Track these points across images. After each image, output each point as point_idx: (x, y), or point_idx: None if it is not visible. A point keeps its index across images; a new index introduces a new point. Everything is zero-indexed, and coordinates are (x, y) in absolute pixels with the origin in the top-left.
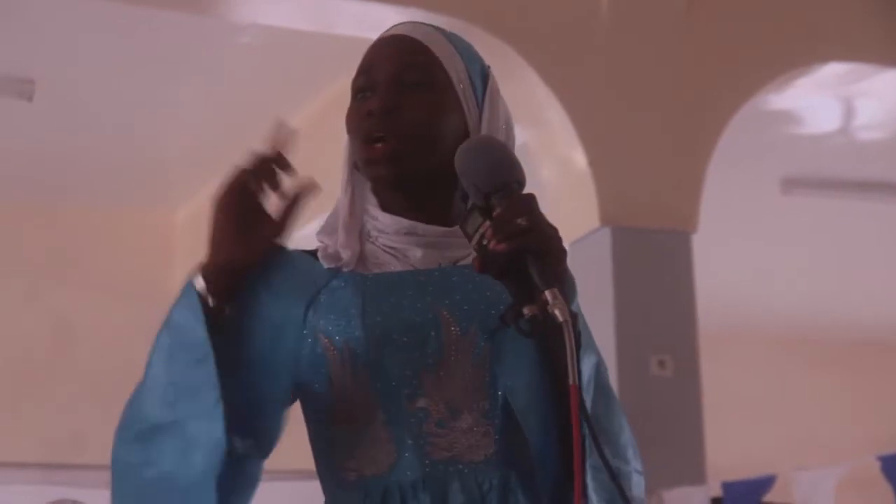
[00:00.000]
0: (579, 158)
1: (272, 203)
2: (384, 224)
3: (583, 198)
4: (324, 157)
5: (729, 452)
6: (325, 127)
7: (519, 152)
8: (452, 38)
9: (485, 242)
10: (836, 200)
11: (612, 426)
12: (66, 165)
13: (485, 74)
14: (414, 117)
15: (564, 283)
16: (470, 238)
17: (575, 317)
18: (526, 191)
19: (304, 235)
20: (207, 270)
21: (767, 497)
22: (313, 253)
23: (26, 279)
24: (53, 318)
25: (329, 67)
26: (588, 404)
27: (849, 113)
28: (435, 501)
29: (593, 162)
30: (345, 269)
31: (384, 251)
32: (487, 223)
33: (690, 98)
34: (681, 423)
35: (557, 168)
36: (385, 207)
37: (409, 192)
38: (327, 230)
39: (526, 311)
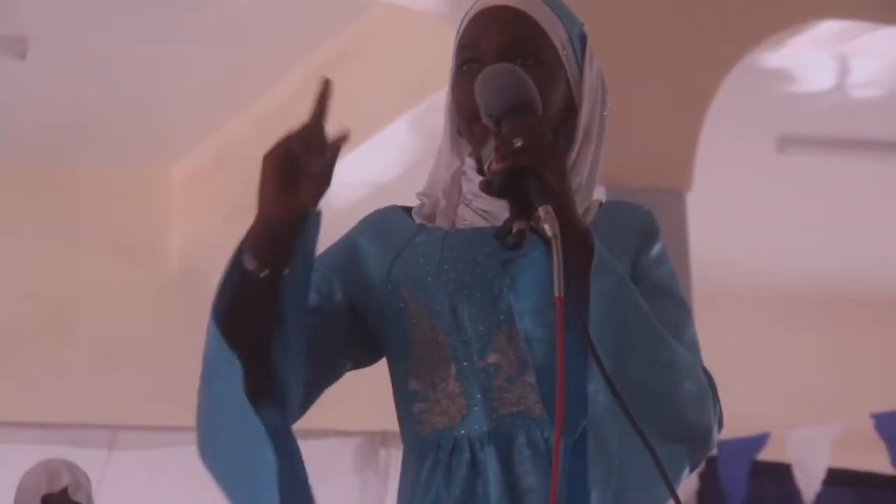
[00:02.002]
0: None
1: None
2: (476, 188)
3: None
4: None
5: (723, 411)
6: (314, 88)
7: None
8: (549, 2)
9: (488, 165)
10: (831, 159)
11: (632, 341)
12: (61, 124)
13: (582, 35)
14: None
15: (565, 200)
16: (483, 163)
17: (583, 234)
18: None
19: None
20: (254, 231)
21: (761, 455)
22: (409, 209)
23: (22, 238)
24: (51, 277)
25: (323, 26)
26: (599, 319)
27: (844, 71)
28: (501, 454)
29: None
30: (429, 225)
31: (475, 213)
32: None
33: (684, 57)
34: None
35: None
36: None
37: None
38: (427, 190)
39: (515, 226)
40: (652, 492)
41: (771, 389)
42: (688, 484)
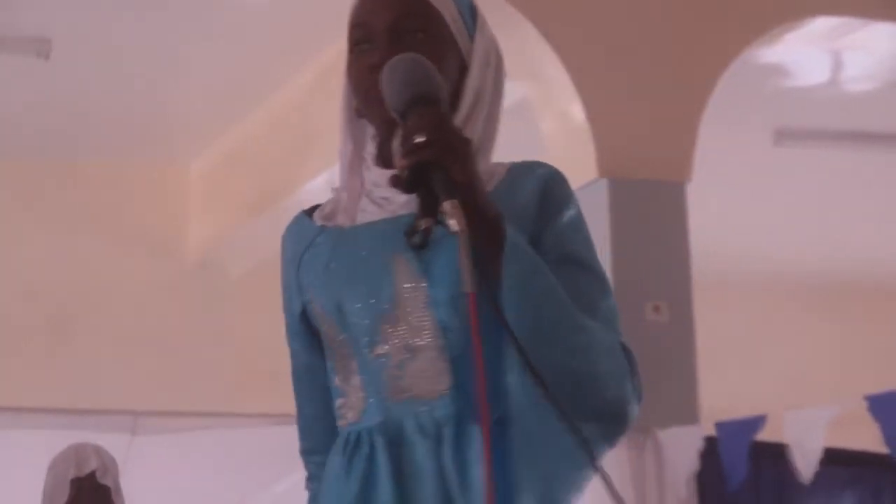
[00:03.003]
0: (577, 112)
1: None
2: (377, 177)
3: (581, 150)
4: (326, 114)
5: (722, 394)
6: (327, 85)
7: (519, 106)
8: None
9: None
10: (826, 151)
11: (546, 327)
12: (82, 121)
13: (472, 7)
14: None
15: (472, 192)
16: (394, 157)
17: (493, 222)
18: (528, 145)
19: (308, 190)
20: None
21: (759, 436)
22: (315, 209)
23: (46, 232)
24: (76, 269)
25: (330, 28)
26: (512, 308)
27: (838, 65)
28: (391, 442)
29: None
30: (329, 225)
31: (374, 202)
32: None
33: (684, 53)
34: (675, 367)
35: (556, 121)
36: (385, 155)
37: None
38: (340, 185)
39: (422, 224)
40: (577, 472)
41: (768, 373)
42: (688, 464)
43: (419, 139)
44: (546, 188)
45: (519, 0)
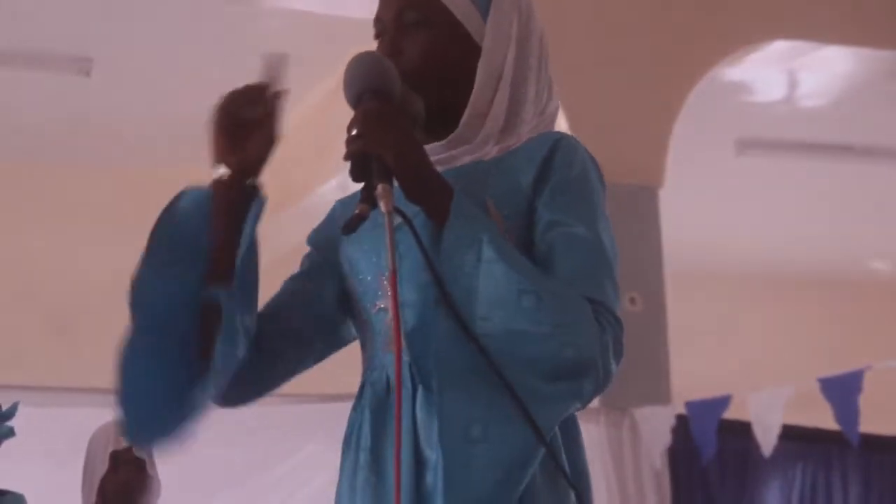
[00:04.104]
0: (562, 124)
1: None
2: None
3: None
4: (338, 124)
5: (691, 376)
6: (338, 99)
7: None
8: None
9: None
10: (782, 160)
11: (491, 293)
12: (121, 131)
13: None
14: (413, 57)
15: (407, 176)
16: None
17: (437, 199)
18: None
19: (322, 192)
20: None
21: (725, 414)
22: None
23: (89, 233)
24: (110, 262)
25: (340, 46)
26: (453, 277)
27: (793, 83)
28: (378, 390)
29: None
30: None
31: None
32: None
33: (657, 72)
34: (650, 352)
35: None
36: None
37: (427, 125)
38: None
39: (356, 209)
40: (523, 435)
41: (734, 357)
42: (661, 440)
43: (353, 131)
44: (551, 152)
45: None
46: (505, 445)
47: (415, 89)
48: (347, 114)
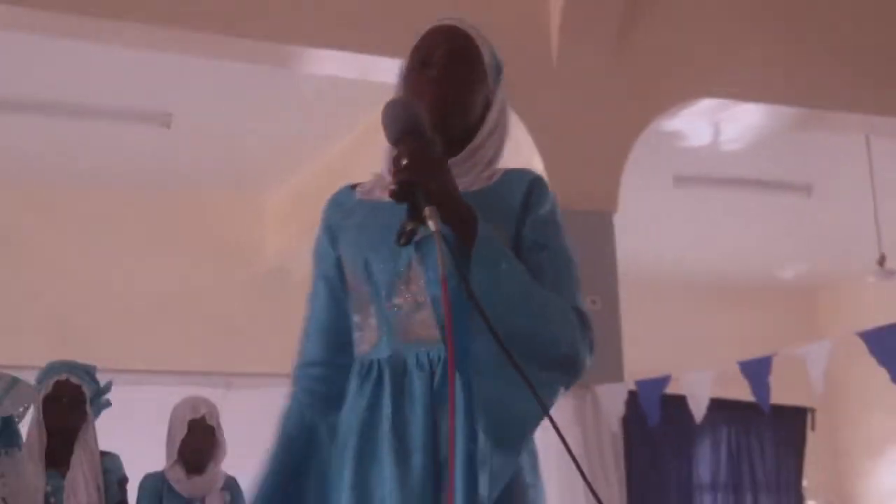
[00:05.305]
0: (537, 162)
1: None
2: None
3: None
4: (367, 162)
5: (640, 360)
6: (369, 140)
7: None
8: (484, 36)
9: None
10: (711, 191)
11: (509, 298)
12: (195, 168)
13: (499, 67)
14: (461, 81)
15: (447, 201)
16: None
17: (468, 221)
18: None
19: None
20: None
21: (666, 390)
22: (356, 185)
23: (158, 251)
24: (182, 275)
25: (365, 106)
26: (481, 284)
27: (717, 131)
28: (396, 371)
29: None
30: (366, 198)
31: None
32: None
33: (612, 122)
34: (607, 342)
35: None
36: None
37: (446, 144)
38: (383, 169)
39: (407, 226)
40: (528, 413)
41: (673, 345)
42: (617, 410)
43: (402, 163)
44: (530, 188)
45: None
46: (523, 410)
47: (448, 117)
48: (371, 157)
